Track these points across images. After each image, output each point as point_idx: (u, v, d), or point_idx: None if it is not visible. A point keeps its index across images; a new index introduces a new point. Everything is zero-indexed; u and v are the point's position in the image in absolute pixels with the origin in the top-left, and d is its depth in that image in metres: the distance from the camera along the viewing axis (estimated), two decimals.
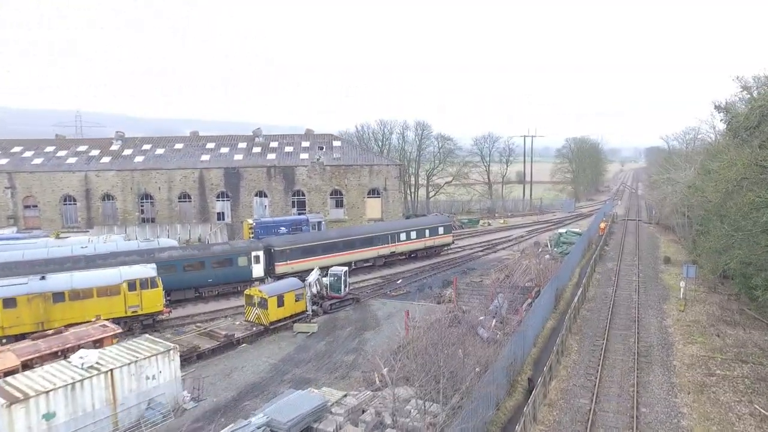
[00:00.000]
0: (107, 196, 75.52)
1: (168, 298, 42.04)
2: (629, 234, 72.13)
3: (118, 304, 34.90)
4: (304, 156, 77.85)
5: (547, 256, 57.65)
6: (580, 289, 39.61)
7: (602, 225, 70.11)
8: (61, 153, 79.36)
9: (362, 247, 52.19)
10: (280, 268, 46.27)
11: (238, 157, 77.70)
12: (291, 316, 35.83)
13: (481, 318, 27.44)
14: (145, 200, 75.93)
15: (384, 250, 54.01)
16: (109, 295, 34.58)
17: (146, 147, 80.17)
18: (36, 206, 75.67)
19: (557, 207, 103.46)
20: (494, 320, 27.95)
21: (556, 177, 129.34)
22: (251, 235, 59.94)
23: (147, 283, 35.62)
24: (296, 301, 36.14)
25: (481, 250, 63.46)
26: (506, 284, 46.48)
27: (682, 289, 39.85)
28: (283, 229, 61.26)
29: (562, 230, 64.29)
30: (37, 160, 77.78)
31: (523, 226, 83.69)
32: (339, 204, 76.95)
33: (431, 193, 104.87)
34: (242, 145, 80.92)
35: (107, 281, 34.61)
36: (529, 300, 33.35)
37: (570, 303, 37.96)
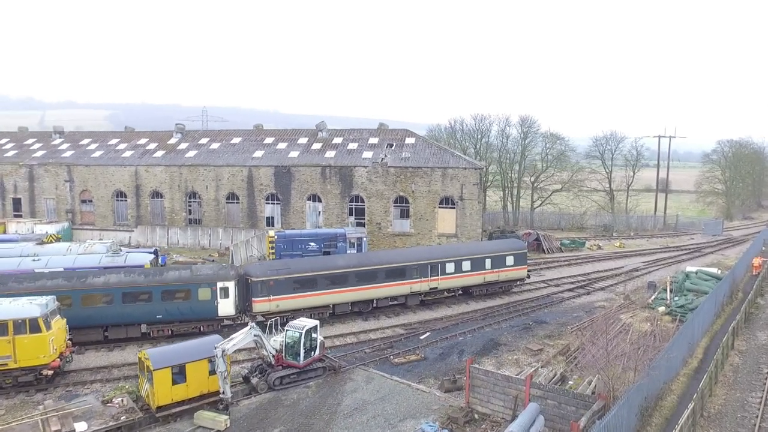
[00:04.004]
0: (156, 194, 69.32)
1: (105, 333, 32.33)
2: None
3: None
4: (367, 155, 65.54)
5: (662, 309, 39.84)
6: (697, 393, 22.84)
7: (757, 262, 49.55)
8: (121, 146, 74.89)
9: (387, 279, 38.51)
10: (260, 305, 34.37)
11: (294, 154, 67.44)
12: (201, 397, 23.62)
13: None
14: (192, 199, 68.61)
15: (420, 284, 39.86)
16: None
17: (203, 141, 73.00)
18: (91, 201, 71.67)
19: (698, 227, 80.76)
20: None
21: (703, 188, 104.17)
22: (272, 252, 48.97)
23: (24, 327, 25.55)
24: (213, 373, 23.84)
25: (570, 289, 46.65)
26: (573, 358, 30.54)
27: None
28: (312, 245, 49.60)
29: (692, 269, 45.32)
30: (97, 153, 73.88)
31: (644, 252, 64.11)
32: (404, 214, 63.59)
33: (536, 203, 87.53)
34: (302, 140, 70.63)
35: None
36: None
37: (671, 424, 21.65)
